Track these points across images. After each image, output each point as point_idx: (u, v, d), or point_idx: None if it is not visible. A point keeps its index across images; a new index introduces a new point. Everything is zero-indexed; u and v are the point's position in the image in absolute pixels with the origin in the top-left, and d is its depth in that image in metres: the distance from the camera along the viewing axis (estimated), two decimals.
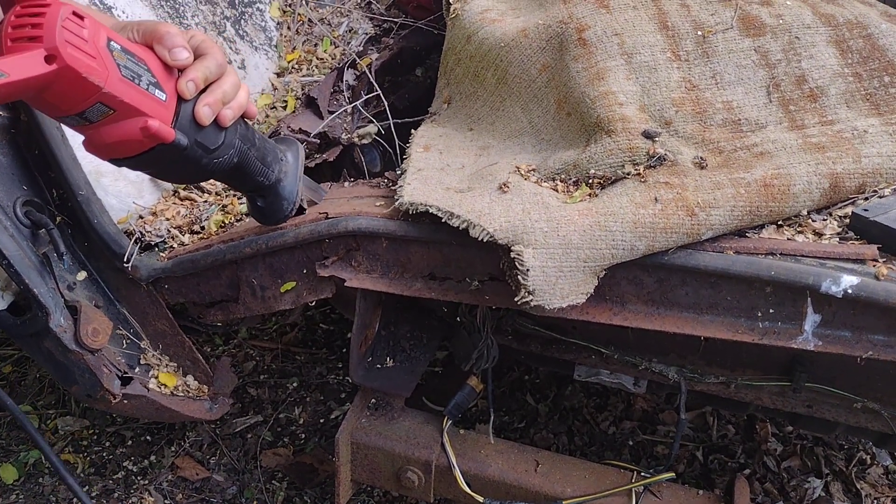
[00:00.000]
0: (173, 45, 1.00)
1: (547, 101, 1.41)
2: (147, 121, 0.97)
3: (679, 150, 1.24)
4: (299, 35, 2.17)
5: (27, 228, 1.41)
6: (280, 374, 2.68)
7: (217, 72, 1.06)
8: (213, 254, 1.43)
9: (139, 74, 0.97)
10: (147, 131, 0.97)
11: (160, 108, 1.00)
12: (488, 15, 1.55)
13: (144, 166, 1.07)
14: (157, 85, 0.99)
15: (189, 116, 1.04)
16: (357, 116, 1.75)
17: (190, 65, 1.02)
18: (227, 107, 1.07)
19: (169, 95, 1.01)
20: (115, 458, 2.40)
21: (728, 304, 1.20)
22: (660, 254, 1.18)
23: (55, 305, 1.40)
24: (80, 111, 0.94)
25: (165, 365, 1.56)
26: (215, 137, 1.08)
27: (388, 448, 1.50)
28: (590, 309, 1.24)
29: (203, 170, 1.10)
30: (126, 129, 0.98)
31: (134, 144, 1.00)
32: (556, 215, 1.17)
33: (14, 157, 1.44)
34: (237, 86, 1.09)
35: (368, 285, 1.36)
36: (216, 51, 1.06)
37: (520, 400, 2.54)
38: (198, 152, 1.07)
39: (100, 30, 0.93)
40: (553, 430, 2.43)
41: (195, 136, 1.05)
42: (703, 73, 1.33)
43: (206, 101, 1.04)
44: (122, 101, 0.95)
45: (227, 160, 1.12)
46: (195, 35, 1.06)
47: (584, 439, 2.42)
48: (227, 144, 1.11)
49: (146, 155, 1.02)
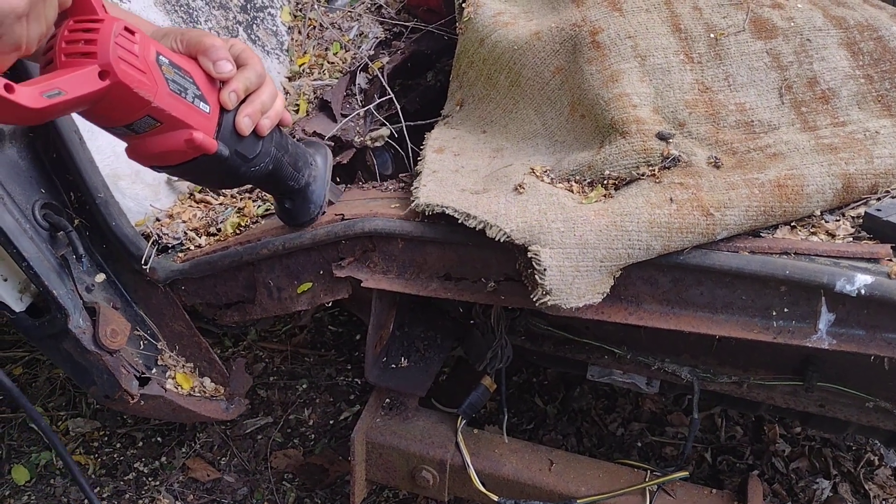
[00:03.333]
0: (218, 58, 1.03)
1: (560, 103, 1.43)
2: (192, 133, 1.00)
3: (693, 152, 1.25)
4: (310, 39, 2.19)
5: (45, 231, 1.43)
6: (289, 375, 2.69)
7: (257, 82, 1.08)
8: (231, 255, 1.44)
9: (185, 88, 0.99)
10: (192, 143, 1.00)
11: (204, 121, 1.02)
12: (501, 18, 1.57)
13: (184, 174, 1.11)
14: (201, 97, 1.02)
15: (230, 127, 1.07)
16: (370, 119, 1.77)
17: (232, 76, 1.05)
18: (265, 116, 1.10)
19: (212, 107, 1.04)
20: (127, 460, 2.40)
21: (743, 304, 1.21)
22: (675, 253, 1.19)
23: (74, 307, 1.42)
24: (128, 123, 0.97)
25: (182, 366, 1.57)
26: (254, 146, 1.12)
27: (403, 447, 1.51)
28: (605, 308, 1.25)
29: (240, 177, 1.14)
30: (171, 141, 1.01)
31: (178, 155, 1.03)
32: (572, 215, 1.18)
33: (32, 160, 1.45)
34: (274, 95, 1.12)
35: (385, 286, 1.37)
36: (256, 61, 1.09)
37: (528, 401, 2.54)
38: (237, 161, 1.10)
39: (149, 45, 0.95)
40: (562, 432, 2.44)
41: (235, 146, 1.08)
42: (715, 75, 1.35)
43: (246, 111, 1.07)
44: (169, 115, 0.98)
45: (263, 168, 1.15)
46: (235, 44, 1.08)
47: (593, 441, 2.43)
48: (264, 153, 1.14)
49: (188, 164, 1.05)
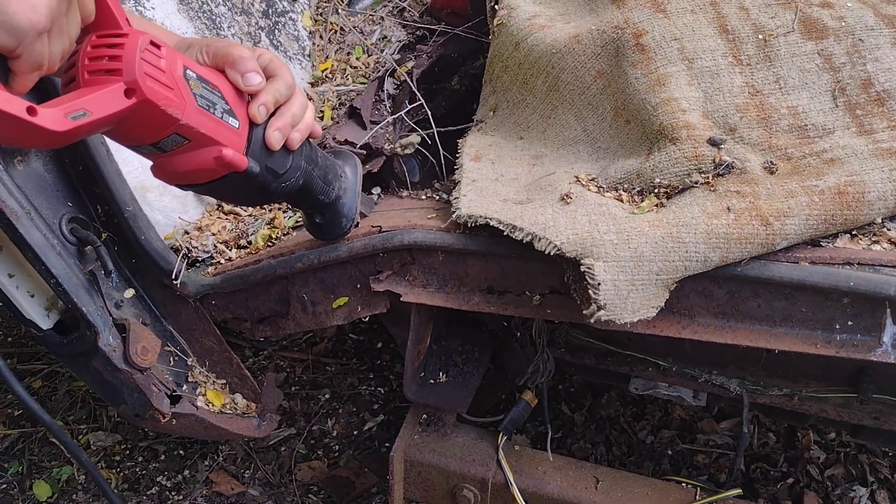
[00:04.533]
0: (246, 70, 0.98)
1: (602, 108, 1.38)
2: (221, 150, 0.95)
3: (746, 158, 1.20)
4: (331, 44, 2.14)
5: (73, 246, 1.39)
6: (311, 385, 2.65)
7: (287, 94, 1.03)
8: (263, 269, 1.40)
9: (214, 103, 0.94)
10: (221, 161, 0.95)
11: (234, 137, 0.98)
12: (536, 21, 1.52)
13: (212, 192, 1.05)
14: (230, 112, 0.97)
15: (260, 142, 1.02)
16: (399, 126, 1.72)
17: (262, 89, 1.00)
18: (295, 129, 1.05)
19: (241, 122, 0.99)
20: (149, 474, 2.37)
21: (803, 316, 1.16)
22: (731, 265, 1.14)
23: (104, 324, 1.38)
24: (154, 141, 0.92)
25: (213, 382, 1.53)
26: (284, 161, 1.06)
27: (443, 465, 1.47)
28: (657, 322, 1.20)
29: (270, 194, 1.09)
30: (200, 159, 0.96)
31: (207, 173, 0.98)
32: (625, 227, 1.13)
33: (58, 174, 1.41)
34: (305, 106, 1.07)
35: (425, 300, 1.33)
36: (285, 71, 1.03)
37: (554, 409, 2.50)
38: (267, 177, 1.05)
39: (176, 59, 0.90)
40: (590, 440, 2.40)
41: (265, 162, 1.03)
42: (765, 77, 1.30)
43: (276, 125, 1.02)
44: (198, 132, 0.93)
45: (294, 183, 1.10)
46: (263, 54, 1.03)
47: (623, 449, 2.38)
48: (295, 167, 1.09)
49: (217, 182, 1.00)
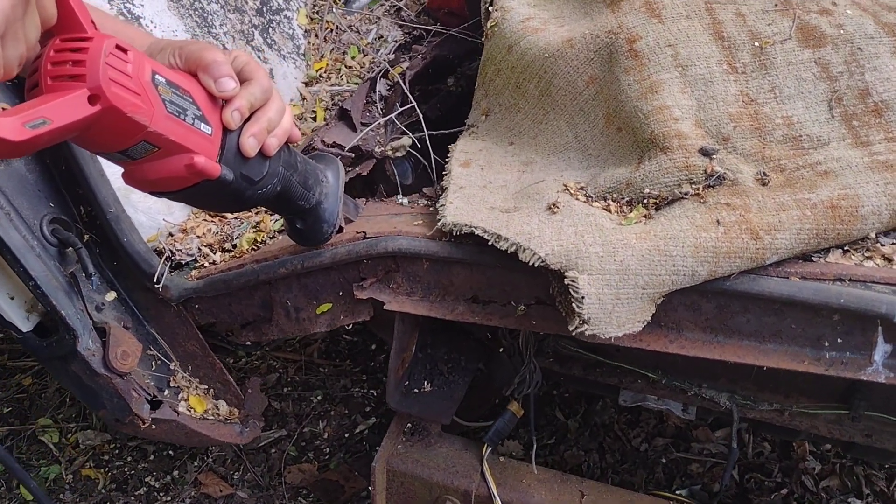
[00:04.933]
0: (220, 75, 0.94)
1: (594, 114, 1.35)
2: (193, 157, 0.91)
3: (739, 169, 1.17)
4: (327, 43, 2.12)
5: (54, 247, 1.37)
6: (304, 386, 2.63)
7: (262, 98, 1.00)
8: (247, 274, 1.37)
9: (184, 109, 0.91)
10: (192, 168, 0.92)
11: (206, 143, 0.94)
12: (530, 24, 1.49)
13: (185, 199, 1.01)
14: (202, 118, 0.93)
15: (234, 149, 0.98)
16: (390, 128, 1.70)
17: (236, 94, 0.97)
18: (271, 135, 1.02)
19: (214, 128, 0.95)
20: (137, 474, 2.35)
21: (793, 333, 1.13)
22: (720, 279, 1.12)
23: (83, 328, 1.36)
24: (122, 149, 0.89)
25: (195, 387, 1.51)
26: (260, 168, 1.03)
27: (426, 476, 1.44)
28: (644, 336, 1.17)
29: (246, 201, 1.05)
30: (170, 167, 0.92)
31: (178, 181, 0.95)
32: (611, 239, 1.10)
33: (40, 174, 1.39)
34: (282, 111, 1.03)
35: (409, 308, 1.30)
36: (261, 74, 1.00)
37: (549, 415, 2.47)
38: (242, 185, 1.01)
39: (144, 63, 0.86)
40: (584, 447, 2.37)
41: (240, 169, 1.00)
42: (761, 86, 1.27)
43: (251, 131, 0.99)
44: (167, 139, 0.89)
45: (271, 189, 1.07)
46: (238, 56, 0.99)
47: (616, 457, 2.36)
48: (271, 173, 1.06)
49: (189, 190, 0.97)
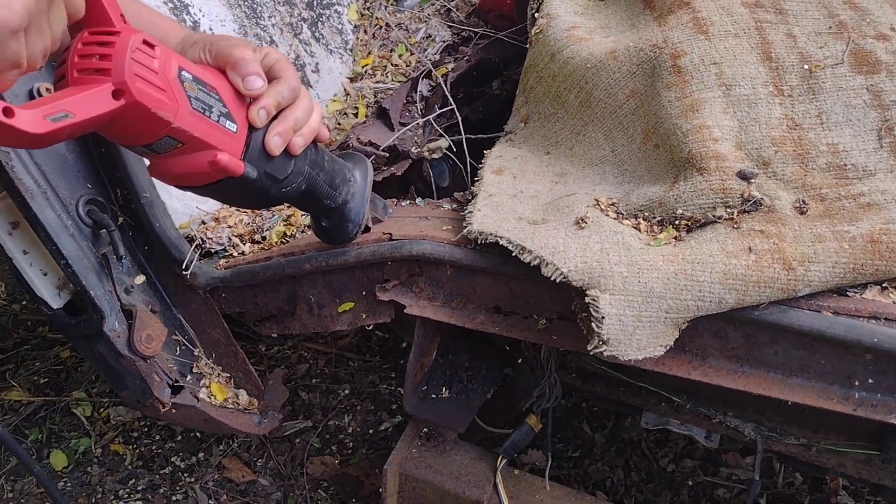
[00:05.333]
0: (247, 73, 0.95)
1: (633, 129, 1.32)
2: (216, 154, 0.92)
3: (777, 195, 1.13)
4: (375, 39, 2.12)
5: (88, 228, 1.39)
6: (332, 379, 2.64)
7: (290, 97, 1.00)
8: (273, 267, 1.38)
9: (210, 106, 0.91)
10: (216, 165, 0.92)
11: (230, 141, 0.94)
12: (575, 33, 1.47)
13: (210, 194, 1.02)
14: (227, 115, 0.94)
15: (259, 146, 0.98)
16: (428, 129, 1.69)
17: (263, 92, 0.97)
18: (298, 134, 1.02)
19: (240, 126, 0.96)
20: (164, 453, 2.39)
21: (821, 369, 1.09)
22: (749, 308, 1.08)
23: (110, 309, 1.38)
24: (146, 143, 0.90)
25: (217, 375, 1.52)
26: (284, 167, 1.03)
27: (438, 483, 1.43)
28: (667, 360, 1.14)
29: (270, 199, 1.06)
30: (194, 162, 0.93)
31: (201, 177, 0.95)
32: (637, 259, 1.08)
33: (80, 154, 1.42)
34: (309, 110, 1.03)
35: (429, 314, 1.29)
36: (290, 73, 1.00)
37: (576, 427, 2.44)
38: (266, 182, 1.02)
39: (170, 59, 0.87)
40: (609, 463, 2.33)
41: (264, 167, 1.00)
42: (807, 110, 1.22)
43: (277, 129, 0.99)
44: (191, 136, 0.90)
45: (296, 188, 1.07)
46: (269, 54, 0.99)
47: (641, 475, 2.31)
48: (296, 172, 1.06)
49: (213, 186, 0.97)
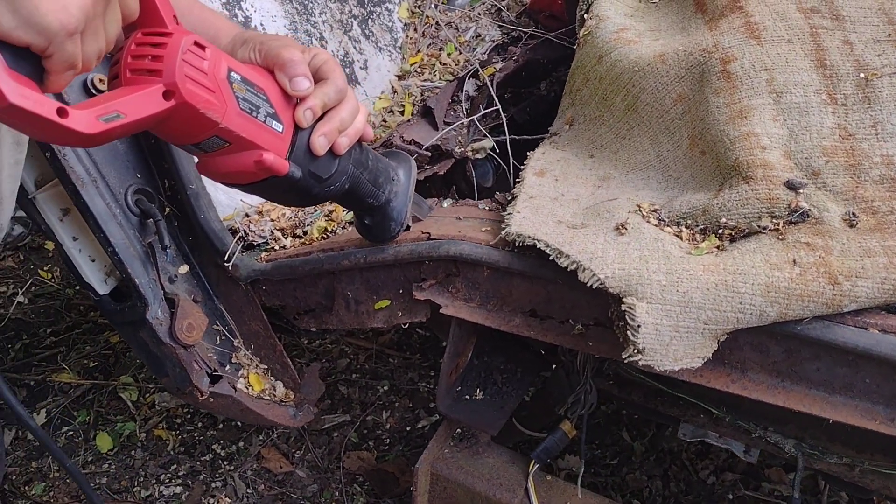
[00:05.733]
0: (294, 74, 0.97)
1: (679, 134, 1.29)
2: (262, 154, 0.94)
3: (826, 207, 1.09)
4: (425, 38, 2.12)
5: (136, 217, 1.42)
6: (372, 374, 2.65)
7: (336, 98, 1.01)
8: (312, 262, 1.39)
9: (257, 106, 0.93)
10: (261, 165, 0.94)
11: (276, 141, 0.96)
12: (624, 35, 1.44)
13: (255, 192, 1.05)
14: (274, 116, 0.96)
15: (304, 146, 1.00)
16: (473, 129, 1.68)
17: (310, 93, 0.98)
18: (343, 134, 1.03)
19: (286, 126, 0.98)
20: (206, 440, 2.43)
21: (866, 388, 1.05)
22: (792, 322, 1.05)
23: (154, 297, 1.41)
24: (195, 142, 0.92)
25: (256, 366, 1.54)
26: (329, 166, 1.05)
27: (469, 484, 1.42)
28: (705, 372, 1.12)
29: (314, 197, 1.08)
30: (240, 162, 0.95)
31: (247, 175, 0.98)
32: (677, 268, 1.05)
33: (131, 145, 1.45)
34: (355, 111, 1.04)
35: (465, 315, 1.29)
36: (337, 74, 1.01)
37: (615, 435, 2.41)
38: (310, 182, 1.03)
39: (220, 60, 0.89)
40: (647, 472, 2.30)
41: (308, 167, 1.02)
42: (861, 120, 1.18)
43: (322, 130, 1.01)
44: (237, 136, 0.92)
45: (339, 187, 1.09)
46: (318, 55, 1.01)
47: (681, 486, 2.27)
48: (340, 172, 1.07)
49: (258, 184, 1.00)
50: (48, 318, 2.95)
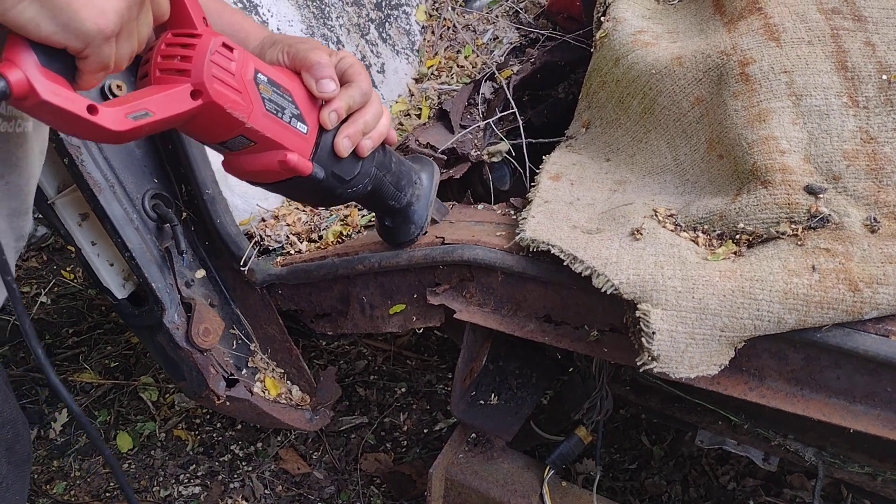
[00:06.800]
0: (321, 77, 0.98)
1: (697, 138, 1.28)
2: (286, 154, 0.96)
3: (846, 212, 1.07)
4: (442, 40, 2.11)
5: (153, 222, 1.43)
6: (390, 376, 2.65)
7: (361, 101, 1.03)
8: (327, 266, 1.39)
9: (283, 107, 0.95)
10: (285, 165, 0.96)
11: (300, 142, 0.98)
12: (641, 37, 1.43)
13: (279, 191, 1.07)
14: (299, 117, 0.97)
15: (328, 148, 1.02)
16: (489, 132, 1.67)
17: (335, 96, 1.00)
18: (366, 137, 1.05)
19: (310, 127, 0.99)
20: (224, 441, 2.44)
21: (887, 397, 1.03)
22: (811, 329, 1.03)
23: (171, 301, 1.41)
24: (221, 141, 0.94)
25: (272, 370, 1.54)
26: (352, 168, 1.06)
27: (483, 490, 1.42)
28: (722, 379, 1.10)
29: (337, 198, 1.09)
30: (265, 161, 0.97)
31: (271, 174, 1.00)
32: (692, 274, 1.04)
33: (148, 150, 1.46)
34: (379, 114, 1.06)
35: (479, 320, 1.28)
36: (363, 78, 1.02)
37: (633, 439, 2.39)
38: (333, 183, 1.05)
39: (248, 62, 0.91)
40: (667, 477, 2.27)
41: (332, 168, 1.03)
42: (884, 123, 1.16)
43: (346, 132, 1.02)
44: (263, 136, 0.94)
45: (362, 189, 1.11)
46: (344, 58, 1.02)
47: (700, 492, 2.25)
48: (363, 173, 1.09)
49: (282, 183, 1.02)
50: (70, 318, 2.99)
